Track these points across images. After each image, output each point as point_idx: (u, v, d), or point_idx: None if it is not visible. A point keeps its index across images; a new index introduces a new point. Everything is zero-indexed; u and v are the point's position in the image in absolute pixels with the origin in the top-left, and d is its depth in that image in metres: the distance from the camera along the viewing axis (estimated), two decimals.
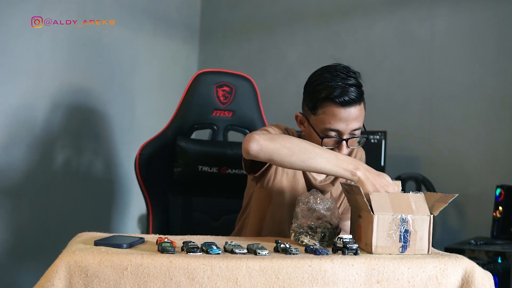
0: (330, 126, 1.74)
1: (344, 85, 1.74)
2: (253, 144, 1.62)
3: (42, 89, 2.81)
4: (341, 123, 1.74)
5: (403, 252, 1.45)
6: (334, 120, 1.74)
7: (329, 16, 3.54)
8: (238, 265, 1.32)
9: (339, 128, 1.74)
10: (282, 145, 1.62)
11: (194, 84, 2.27)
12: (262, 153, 1.62)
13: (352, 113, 1.74)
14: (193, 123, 2.28)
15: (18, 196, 2.73)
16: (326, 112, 1.74)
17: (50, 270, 1.29)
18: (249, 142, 1.62)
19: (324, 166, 1.61)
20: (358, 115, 1.75)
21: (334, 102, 1.72)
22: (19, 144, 2.73)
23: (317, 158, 1.61)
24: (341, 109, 1.73)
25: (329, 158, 1.61)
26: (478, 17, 3.09)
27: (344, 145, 1.76)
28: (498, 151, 2.99)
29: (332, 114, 1.73)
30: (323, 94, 1.74)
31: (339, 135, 1.76)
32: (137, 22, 3.38)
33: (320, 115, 1.76)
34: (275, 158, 1.62)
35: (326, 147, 1.74)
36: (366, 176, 1.59)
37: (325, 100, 1.74)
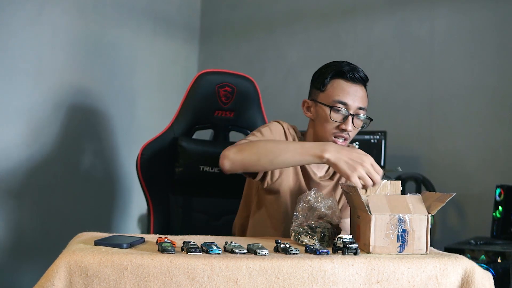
0: (338, 98, 1.80)
1: (351, 65, 1.85)
2: (225, 162, 1.69)
3: (42, 89, 2.81)
4: (349, 96, 1.81)
5: (401, 252, 1.46)
6: (342, 93, 1.81)
7: (329, 16, 3.54)
8: (238, 265, 1.32)
9: (347, 101, 1.80)
10: (250, 152, 1.67)
11: (195, 84, 2.27)
12: (235, 166, 1.69)
13: (359, 91, 1.82)
14: (195, 123, 2.28)
15: (18, 196, 2.73)
16: (335, 86, 1.82)
17: (50, 270, 1.30)
18: (221, 160, 1.70)
19: (291, 159, 1.66)
20: (364, 96, 1.84)
21: (343, 77, 1.82)
22: (19, 144, 2.73)
23: (283, 154, 1.66)
24: (350, 84, 1.82)
25: (294, 150, 1.66)
26: (478, 17, 3.09)
27: (350, 121, 1.80)
28: (498, 151, 2.99)
29: (341, 87, 1.82)
30: (333, 71, 1.84)
31: (346, 109, 1.80)
32: (137, 22, 3.38)
33: (329, 89, 1.83)
34: (248, 167, 1.69)
35: (333, 120, 1.79)
36: (337, 157, 1.61)
37: (335, 75, 1.83)
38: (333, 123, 1.81)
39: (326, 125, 1.82)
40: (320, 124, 1.85)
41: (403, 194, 1.55)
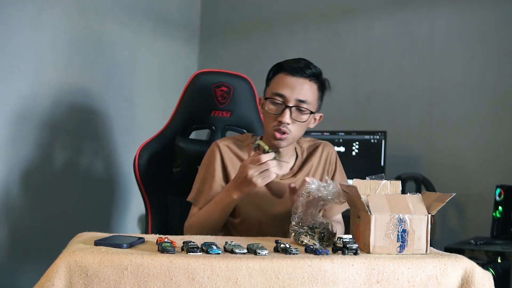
0: (276, 90, 1.83)
1: (300, 62, 1.87)
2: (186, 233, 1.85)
3: (42, 89, 2.81)
4: (287, 89, 1.82)
5: (401, 252, 1.45)
6: (281, 86, 1.83)
7: (329, 16, 3.54)
8: (238, 265, 1.32)
9: (284, 93, 1.82)
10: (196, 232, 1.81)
11: (192, 84, 2.27)
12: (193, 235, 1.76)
13: (299, 82, 1.83)
14: (192, 123, 2.28)
15: (18, 196, 2.73)
16: (276, 79, 1.86)
17: (50, 270, 1.30)
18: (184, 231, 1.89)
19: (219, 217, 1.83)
20: (307, 88, 1.84)
21: (283, 70, 1.85)
22: (19, 144, 2.73)
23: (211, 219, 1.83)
24: (289, 76, 1.84)
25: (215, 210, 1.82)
26: (478, 17, 3.09)
27: (286, 113, 1.81)
28: (498, 151, 2.99)
29: (281, 80, 1.85)
30: (278, 64, 1.89)
31: (284, 101, 1.82)
32: (137, 22, 3.38)
33: (271, 84, 1.88)
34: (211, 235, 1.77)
35: (270, 112, 1.83)
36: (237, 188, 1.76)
37: (277, 70, 1.88)
38: (272, 116, 1.83)
39: (267, 119, 1.86)
40: (265, 119, 1.89)
41: (403, 194, 1.55)
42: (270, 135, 1.85)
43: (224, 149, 1.94)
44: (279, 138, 1.83)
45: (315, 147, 2.00)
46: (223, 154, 1.93)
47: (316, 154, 1.98)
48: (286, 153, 1.93)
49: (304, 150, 1.99)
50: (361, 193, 1.49)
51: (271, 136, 1.85)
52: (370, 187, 1.59)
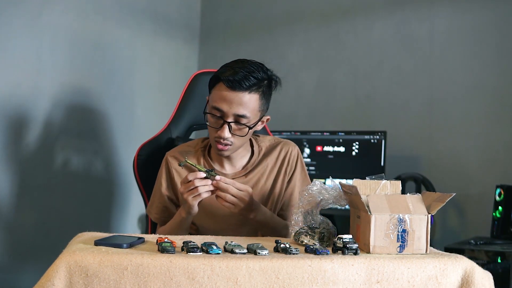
0: (214, 104, 1.79)
1: (240, 71, 1.78)
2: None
3: (42, 89, 2.82)
4: (225, 104, 1.77)
5: (401, 251, 1.46)
6: (219, 99, 1.78)
7: (329, 16, 3.54)
8: (238, 265, 1.32)
9: (222, 108, 1.77)
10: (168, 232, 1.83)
11: (192, 84, 2.27)
12: None
13: (237, 97, 1.76)
14: (191, 124, 2.28)
15: (18, 196, 2.73)
16: (215, 90, 1.80)
17: (50, 270, 1.30)
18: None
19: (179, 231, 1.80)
20: (245, 102, 1.77)
21: (221, 82, 1.78)
22: (19, 144, 2.73)
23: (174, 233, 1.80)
24: (227, 91, 1.76)
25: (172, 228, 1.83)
26: (478, 17, 3.09)
27: (226, 128, 1.79)
28: (498, 151, 2.99)
29: (219, 93, 1.78)
30: (216, 74, 1.82)
31: (222, 115, 1.79)
32: (137, 22, 3.38)
33: (211, 95, 1.82)
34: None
35: (209, 125, 1.81)
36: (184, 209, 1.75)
37: (216, 80, 1.81)
38: (213, 129, 1.81)
39: (209, 130, 1.84)
40: (208, 129, 1.86)
41: (403, 194, 1.55)
42: (213, 144, 1.85)
43: (170, 160, 1.94)
44: (221, 149, 1.83)
45: (274, 147, 1.97)
46: (169, 166, 1.94)
47: (273, 153, 1.95)
48: (236, 155, 1.91)
49: (262, 149, 1.97)
50: (361, 193, 1.49)
51: (214, 145, 1.84)
52: (370, 187, 1.59)
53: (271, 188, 1.93)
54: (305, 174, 1.99)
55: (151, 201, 1.99)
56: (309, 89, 3.55)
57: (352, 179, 1.57)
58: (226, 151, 1.84)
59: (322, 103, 3.50)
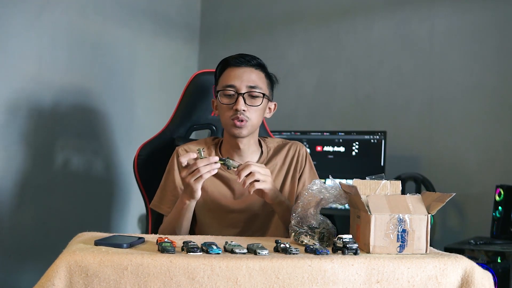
0: (225, 82, 1.87)
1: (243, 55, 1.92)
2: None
3: (42, 89, 2.82)
4: (236, 79, 1.86)
5: (401, 251, 1.46)
6: (229, 78, 1.88)
7: (329, 16, 3.54)
8: (238, 265, 1.32)
9: (234, 83, 1.86)
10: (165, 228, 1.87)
11: (192, 84, 2.27)
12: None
13: (247, 72, 1.88)
14: (192, 124, 2.28)
15: (18, 196, 2.73)
16: (223, 75, 1.90)
17: (51, 270, 1.30)
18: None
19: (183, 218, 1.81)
20: (255, 76, 1.89)
21: (229, 65, 1.90)
22: (19, 144, 2.73)
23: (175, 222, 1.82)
24: (235, 68, 1.88)
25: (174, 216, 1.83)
26: (478, 17, 3.09)
27: (241, 100, 1.84)
28: (498, 151, 2.99)
29: (228, 74, 1.89)
30: (220, 63, 1.92)
31: (236, 91, 1.86)
32: (137, 22, 3.38)
33: (220, 81, 1.91)
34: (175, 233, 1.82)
35: (224, 103, 1.86)
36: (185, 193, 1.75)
37: (223, 66, 1.91)
38: (227, 107, 1.86)
39: (223, 112, 1.88)
40: (221, 115, 1.90)
41: (403, 194, 1.55)
42: (229, 126, 1.87)
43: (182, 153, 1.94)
44: (239, 126, 1.85)
45: (282, 147, 2.00)
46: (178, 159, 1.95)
47: (281, 153, 1.98)
48: (247, 149, 1.93)
49: (270, 149, 1.99)
50: (361, 193, 1.49)
51: (230, 126, 1.86)
52: (370, 187, 1.59)
53: (280, 187, 1.94)
54: (314, 172, 2.00)
55: (160, 195, 1.96)
56: (309, 89, 3.55)
57: (352, 179, 1.57)
58: (244, 128, 1.85)
59: (322, 103, 3.50)
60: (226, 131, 1.91)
